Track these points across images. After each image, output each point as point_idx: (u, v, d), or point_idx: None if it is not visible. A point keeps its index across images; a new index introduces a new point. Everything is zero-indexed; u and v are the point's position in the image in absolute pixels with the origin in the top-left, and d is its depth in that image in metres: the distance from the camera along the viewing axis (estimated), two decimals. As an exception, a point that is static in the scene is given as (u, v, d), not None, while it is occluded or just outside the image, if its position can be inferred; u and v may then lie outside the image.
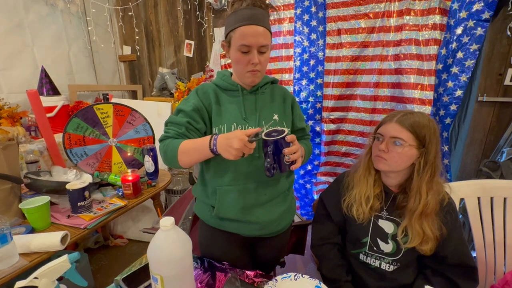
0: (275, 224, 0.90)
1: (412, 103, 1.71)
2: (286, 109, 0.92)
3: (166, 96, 2.40)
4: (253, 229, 0.87)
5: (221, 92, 0.87)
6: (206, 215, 0.92)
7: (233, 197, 0.84)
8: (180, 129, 0.80)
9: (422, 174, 0.74)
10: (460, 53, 1.58)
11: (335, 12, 1.84)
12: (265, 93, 0.90)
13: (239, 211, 0.84)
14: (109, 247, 2.07)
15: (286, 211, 0.92)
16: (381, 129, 0.79)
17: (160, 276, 0.64)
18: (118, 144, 1.47)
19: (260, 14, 0.76)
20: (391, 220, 0.80)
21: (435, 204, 0.74)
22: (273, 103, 0.90)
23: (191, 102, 0.83)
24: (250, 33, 0.75)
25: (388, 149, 0.74)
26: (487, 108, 1.82)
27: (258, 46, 0.76)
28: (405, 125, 0.72)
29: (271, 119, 0.87)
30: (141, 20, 2.61)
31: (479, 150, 1.89)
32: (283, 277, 0.73)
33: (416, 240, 0.74)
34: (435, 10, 1.61)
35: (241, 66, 0.80)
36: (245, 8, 0.75)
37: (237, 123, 0.83)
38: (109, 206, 1.19)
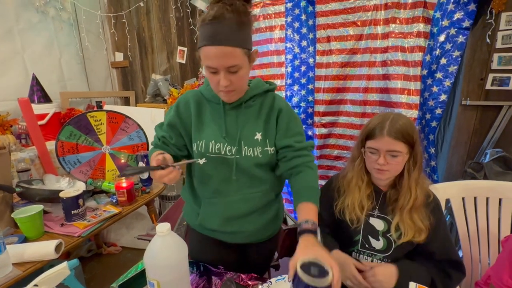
0: (261, 232, 0.89)
1: (400, 108, 1.77)
2: (270, 124, 0.80)
3: (159, 102, 2.41)
4: (238, 237, 0.87)
5: (206, 102, 0.81)
6: (192, 220, 0.92)
7: (214, 210, 0.84)
8: (158, 142, 0.86)
9: (412, 172, 0.79)
10: (444, 60, 1.65)
11: (324, 20, 1.90)
12: (252, 106, 0.80)
13: (222, 223, 0.84)
14: (102, 255, 2.04)
15: (272, 219, 0.90)
16: (373, 143, 0.79)
17: (157, 281, 0.65)
18: (111, 151, 1.47)
19: (225, 30, 0.64)
20: (382, 218, 0.84)
21: (423, 197, 0.79)
22: (258, 119, 0.80)
23: (169, 116, 0.84)
24: (213, 54, 0.66)
25: (387, 162, 0.77)
26: (470, 112, 1.90)
27: (225, 68, 0.67)
28: (398, 137, 0.75)
29: (253, 139, 0.79)
30: (134, 27, 2.62)
31: (464, 152, 1.96)
32: (277, 279, 0.76)
33: (410, 234, 0.78)
34: (419, 19, 1.68)
35: (213, 85, 0.73)
36: (210, 23, 0.64)
37: (216, 141, 0.79)
38: (103, 214, 1.19)
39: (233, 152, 0.78)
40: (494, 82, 1.79)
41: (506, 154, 1.62)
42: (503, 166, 1.54)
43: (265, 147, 0.79)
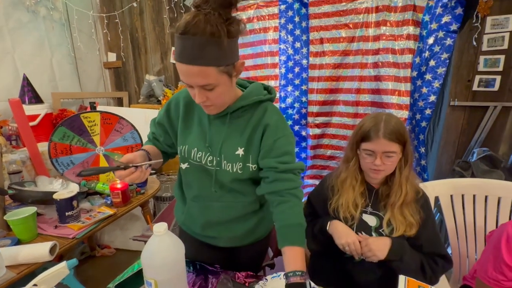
0: (243, 238, 0.87)
1: (391, 108, 1.82)
2: (254, 140, 0.73)
3: (153, 103, 2.40)
4: (219, 241, 0.87)
5: (195, 105, 0.77)
6: (180, 218, 0.93)
7: (196, 212, 0.85)
8: (150, 136, 0.90)
9: (403, 170, 0.83)
10: (432, 61, 1.70)
11: (317, 22, 1.93)
12: (241, 117, 0.74)
13: (201, 227, 0.86)
14: (96, 258, 2.02)
15: (255, 226, 0.86)
16: (369, 145, 0.81)
17: (154, 280, 0.66)
18: (105, 152, 1.46)
19: (196, 47, 0.56)
20: (374, 214, 0.87)
21: (413, 193, 0.83)
22: (243, 133, 0.74)
23: (159, 115, 0.85)
24: (183, 71, 0.60)
25: (383, 163, 0.80)
26: (458, 112, 1.96)
27: (198, 86, 0.62)
28: (392, 138, 0.78)
29: (233, 154, 0.73)
30: (127, 27, 2.61)
31: (452, 151, 2.02)
32: (273, 276, 0.77)
33: (401, 229, 0.81)
34: (408, 22, 1.73)
35: (192, 97, 0.67)
36: (179, 36, 0.57)
37: (198, 149, 0.76)
38: (97, 215, 1.19)
39: (214, 164, 0.75)
40: (480, 84, 1.85)
41: (492, 153, 1.68)
42: (489, 165, 1.60)
43: (246, 163, 0.74)
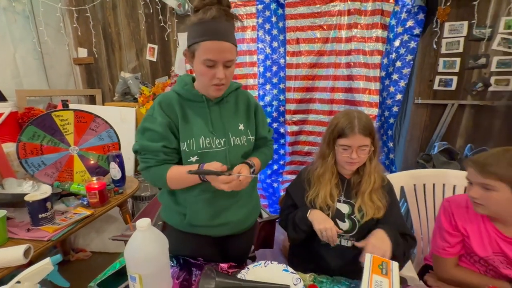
0: (243, 222, 0.95)
1: (362, 106, 1.94)
2: (250, 117, 0.92)
3: (129, 101, 2.33)
4: (224, 230, 0.92)
5: (185, 102, 0.83)
6: (176, 220, 0.94)
7: (202, 206, 0.88)
8: (158, 157, 0.81)
9: (372, 160, 0.92)
10: (399, 63, 1.84)
11: (293, 23, 1.99)
12: (229, 101, 0.88)
13: (209, 218, 0.89)
14: (70, 262, 1.93)
15: (252, 209, 0.98)
16: (346, 141, 0.87)
17: (138, 274, 0.67)
18: (80, 152, 1.41)
19: (225, 28, 0.74)
20: (347, 202, 0.95)
21: (380, 180, 0.92)
22: (237, 112, 0.89)
23: (159, 120, 0.80)
24: (216, 48, 0.73)
25: (358, 155, 0.87)
26: (422, 109, 2.13)
27: (224, 61, 0.74)
28: (366, 133, 0.87)
29: (237, 129, 0.88)
30: (99, 21, 2.50)
31: (417, 145, 2.20)
32: (254, 265, 0.81)
33: (370, 213, 0.90)
34: (377, 25, 1.85)
35: (206, 79, 0.77)
36: (211, 21, 0.72)
37: (205, 136, 0.83)
38: (74, 216, 1.15)
39: (223, 144, 0.85)
40: (440, 83, 2.03)
41: (450, 146, 1.86)
42: (447, 157, 1.77)
43: (248, 135, 0.90)
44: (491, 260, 0.85)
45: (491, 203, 0.79)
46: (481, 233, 0.86)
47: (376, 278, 0.52)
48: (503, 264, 0.84)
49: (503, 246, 0.82)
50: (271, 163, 2.28)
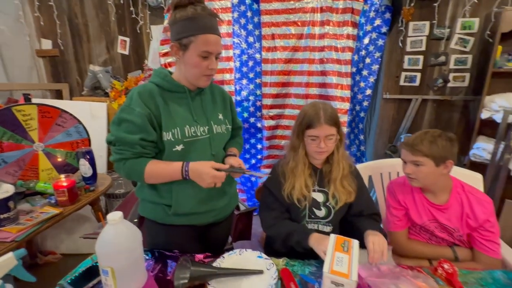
0: (226, 209, 0.99)
1: (335, 100, 2.02)
2: (226, 107, 0.98)
3: (100, 95, 2.23)
4: (209, 217, 0.94)
5: (165, 93, 0.85)
6: (158, 214, 0.93)
7: (189, 193, 0.88)
8: (135, 149, 0.81)
9: (340, 149, 0.98)
10: (368, 59, 1.94)
11: (268, 18, 2.02)
12: (207, 93, 0.93)
13: (196, 204, 0.90)
14: (38, 266, 1.83)
15: (233, 196, 1.02)
16: (313, 132, 0.92)
17: (111, 268, 0.66)
18: (46, 149, 1.34)
19: (217, 24, 0.82)
20: (321, 191, 1.00)
21: (348, 167, 0.99)
22: (215, 103, 0.95)
23: (138, 111, 0.78)
24: (214, 41, 0.80)
25: (326, 144, 0.92)
26: (390, 104, 2.27)
27: (217, 53, 0.83)
28: (332, 123, 0.92)
29: (218, 118, 0.93)
30: (64, 11, 2.35)
31: (386, 138, 2.34)
32: (230, 253, 0.84)
33: (343, 198, 0.95)
34: (348, 23, 1.93)
35: (199, 70, 0.82)
36: (205, 17, 0.78)
37: (189, 125, 0.85)
38: (40, 216, 1.10)
39: (206, 132, 0.90)
40: (405, 79, 2.17)
41: (414, 138, 2.00)
42: (412, 148, 1.91)
43: (226, 125, 0.96)
44: (427, 226, 0.99)
45: (421, 176, 0.93)
46: (416, 204, 0.99)
47: (338, 255, 0.56)
48: (437, 229, 0.98)
49: (434, 213, 0.96)
50: (248, 157, 2.31)
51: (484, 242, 0.91)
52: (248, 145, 2.28)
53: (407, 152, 0.94)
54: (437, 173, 0.91)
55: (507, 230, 1.67)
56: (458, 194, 0.95)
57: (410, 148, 0.92)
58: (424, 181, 0.94)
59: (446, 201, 0.95)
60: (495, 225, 0.92)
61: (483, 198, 0.93)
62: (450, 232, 0.96)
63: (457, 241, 0.97)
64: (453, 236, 0.97)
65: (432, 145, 0.89)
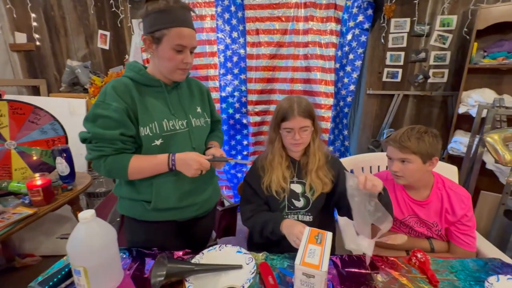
0: (207, 202, 0.99)
1: (319, 96, 2.03)
2: (204, 101, 0.99)
3: (78, 92, 2.15)
4: (191, 210, 0.94)
5: (140, 87, 0.83)
6: (138, 211, 0.91)
7: (171, 187, 0.87)
8: (115, 145, 0.78)
9: (315, 140, 0.99)
10: (351, 55, 1.96)
11: (252, 13, 2.00)
12: (183, 87, 0.93)
13: (177, 199, 0.89)
14: (15, 270, 1.76)
15: (214, 190, 1.02)
16: (288, 124, 0.93)
17: (83, 267, 0.64)
18: (19, 147, 1.28)
19: (190, 17, 0.81)
20: (299, 182, 1.01)
21: (324, 158, 1.00)
22: (193, 97, 0.95)
23: (115, 106, 0.76)
24: (187, 34, 0.78)
25: (301, 136, 0.93)
26: (373, 99, 2.31)
27: (191, 47, 0.82)
28: (306, 115, 0.93)
29: (196, 112, 0.93)
30: (39, 3, 2.24)
31: (369, 133, 2.38)
32: (209, 249, 0.83)
33: (319, 188, 0.96)
34: (331, 19, 1.94)
35: (173, 64, 0.81)
36: (180, 9, 0.77)
37: (168, 119, 0.84)
38: (12, 216, 1.05)
39: (185, 126, 0.89)
40: (388, 75, 2.22)
41: (396, 133, 2.05)
42: (393, 142, 1.95)
43: (205, 118, 0.96)
44: (407, 222, 1.01)
45: (408, 173, 0.92)
46: (398, 200, 1.01)
47: (311, 246, 0.57)
48: (417, 224, 1.00)
49: (414, 208, 0.98)
50: (234, 153, 2.30)
51: (460, 235, 0.94)
52: (234, 141, 2.27)
53: (394, 149, 0.92)
54: (423, 170, 0.91)
55: (482, 220, 1.75)
56: (439, 190, 0.97)
57: (397, 145, 0.91)
58: (410, 178, 0.93)
59: (427, 197, 0.97)
60: (472, 219, 0.94)
61: (463, 193, 0.95)
62: (429, 226, 0.99)
63: (435, 235, 1.00)
64: (431, 230, 0.99)
65: (419, 142, 0.88)
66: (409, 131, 0.92)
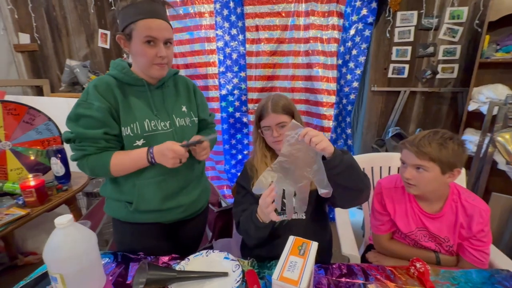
0: (194, 204, 0.96)
1: (321, 93, 1.97)
2: (191, 99, 0.95)
3: (78, 91, 2.16)
4: (176, 213, 0.91)
5: (123, 86, 0.81)
6: (122, 213, 0.89)
7: (153, 189, 0.85)
8: (99, 144, 0.77)
9: None
10: (355, 51, 1.89)
11: (252, 9, 1.95)
12: (169, 86, 0.90)
13: (159, 201, 0.86)
14: (18, 268, 1.79)
15: (203, 192, 0.99)
16: (264, 122, 0.90)
17: (59, 274, 0.62)
18: (14, 147, 1.28)
19: (161, 9, 0.77)
20: None
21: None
22: (178, 96, 0.92)
23: (97, 105, 0.75)
24: (156, 26, 0.75)
25: (279, 133, 0.89)
26: (378, 96, 2.22)
27: (164, 39, 0.77)
28: (279, 111, 0.88)
29: (181, 111, 0.90)
30: (40, 3, 2.25)
31: (374, 131, 2.30)
32: (195, 255, 0.80)
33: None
34: (333, 13, 1.87)
35: (147, 59, 0.77)
36: (144, 2, 0.74)
37: (149, 119, 0.82)
38: (4, 217, 1.05)
39: (168, 126, 0.86)
40: (393, 71, 2.12)
41: (401, 131, 1.96)
42: (398, 141, 1.87)
43: (191, 117, 0.93)
44: (413, 235, 0.92)
45: (423, 183, 0.81)
46: (407, 211, 0.91)
47: (292, 258, 0.52)
48: (425, 238, 0.91)
49: (425, 221, 0.89)
50: (235, 153, 2.26)
51: (474, 252, 0.83)
52: (234, 140, 2.24)
53: (411, 154, 0.80)
54: (440, 181, 0.80)
55: (493, 223, 1.66)
56: (454, 202, 0.85)
57: (415, 149, 0.79)
58: (424, 188, 0.83)
59: (440, 210, 0.86)
60: (488, 235, 0.83)
61: (481, 206, 0.83)
62: (439, 242, 0.89)
63: (445, 251, 0.90)
64: (442, 246, 0.89)
65: (441, 149, 0.76)
66: (431, 134, 0.80)
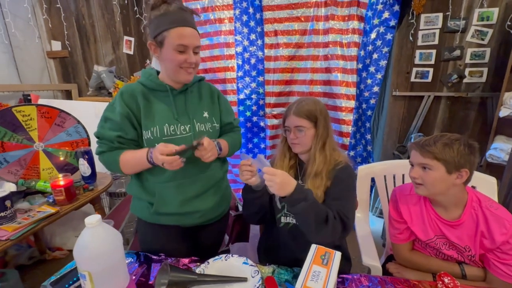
0: (213, 211, 0.97)
1: (340, 98, 1.94)
2: (214, 105, 0.97)
3: (104, 95, 2.27)
4: (194, 218, 0.93)
5: (149, 92, 0.86)
6: (144, 213, 0.93)
7: (172, 193, 0.88)
8: (113, 144, 0.85)
9: (315, 144, 0.91)
10: (375, 55, 1.84)
11: (271, 14, 1.96)
12: (193, 91, 0.93)
13: (178, 205, 0.89)
14: (46, 262, 1.89)
15: (222, 198, 1.00)
16: (286, 123, 0.93)
17: (88, 272, 0.65)
18: (46, 148, 1.36)
19: (190, 18, 0.82)
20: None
21: (325, 165, 0.89)
22: (201, 101, 0.94)
23: (118, 110, 0.82)
24: (187, 34, 0.80)
25: (296, 136, 0.89)
26: (399, 101, 2.15)
27: (194, 47, 0.82)
28: (301, 115, 0.89)
29: (202, 116, 0.93)
30: (71, 13, 2.40)
31: (396, 137, 2.22)
32: (215, 259, 0.81)
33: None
34: (354, 17, 1.84)
35: (176, 64, 0.82)
36: (178, 11, 0.79)
37: (169, 124, 0.85)
38: (37, 215, 1.12)
39: (187, 131, 0.88)
40: (417, 75, 2.05)
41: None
42: (422, 148, 1.80)
43: (212, 123, 0.95)
44: (433, 243, 0.89)
45: (428, 182, 0.81)
46: (423, 218, 0.89)
47: (316, 268, 0.51)
48: (445, 246, 0.88)
49: (443, 229, 0.86)
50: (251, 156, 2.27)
51: (500, 265, 0.79)
52: (251, 144, 2.25)
53: (416, 153, 0.83)
54: (448, 181, 0.79)
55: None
56: (474, 209, 0.82)
57: (419, 148, 0.82)
58: (432, 188, 0.82)
59: (459, 217, 0.83)
60: None
61: (504, 215, 0.79)
62: (460, 251, 0.86)
63: (468, 260, 0.86)
64: (463, 255, 0.86)
65: (446, 148, 0.78)
66: (438, 136, 0.82)
